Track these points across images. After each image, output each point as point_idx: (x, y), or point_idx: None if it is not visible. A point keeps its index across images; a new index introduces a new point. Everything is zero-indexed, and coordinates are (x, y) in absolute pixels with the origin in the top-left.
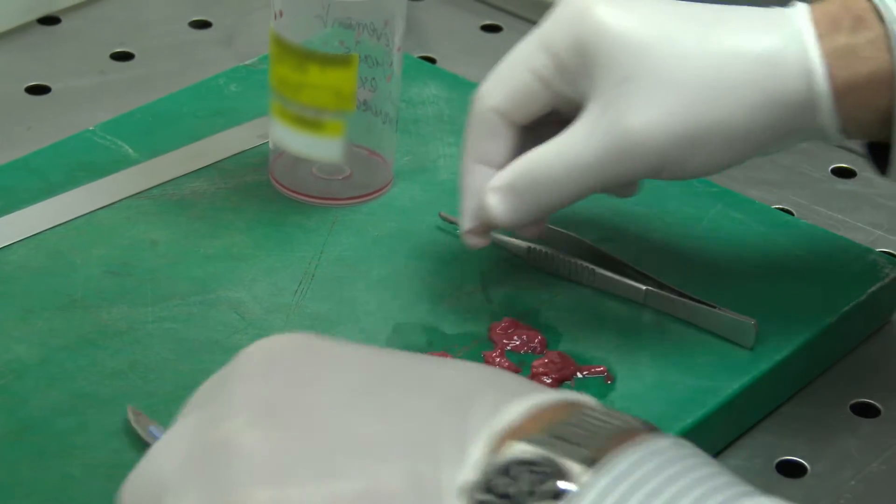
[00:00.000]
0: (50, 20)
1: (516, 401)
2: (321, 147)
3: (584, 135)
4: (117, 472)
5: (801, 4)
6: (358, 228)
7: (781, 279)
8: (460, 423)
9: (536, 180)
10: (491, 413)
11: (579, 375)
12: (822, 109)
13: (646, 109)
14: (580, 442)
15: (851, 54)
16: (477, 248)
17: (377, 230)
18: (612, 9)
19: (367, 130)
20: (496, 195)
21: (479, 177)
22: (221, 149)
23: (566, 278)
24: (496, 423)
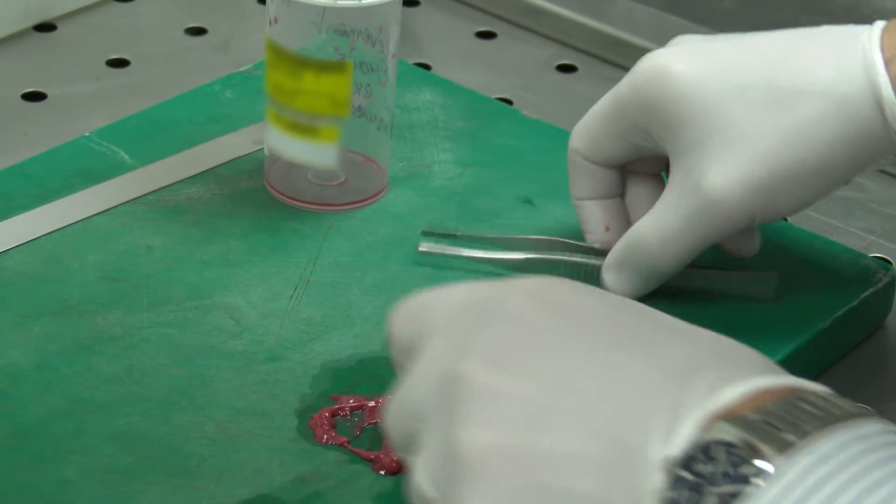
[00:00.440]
0: (46, 27)
1: (736, 383)
2: (316, 153)
3: (672, 205)
4: (113, 476)
5: (872, 28)
6: (353, 234)
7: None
8: (676, 398)
9: (639, 256)
10: (708, 393)
11: None
12: None
13: (722, 169)
14: (787, 427)
15: None
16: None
17: (372, 236)
18: (679, 64)
19: (362, 136)
20: (609, 273)
21: (589, 210)
22: (217, 155)
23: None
24: (710, 404)
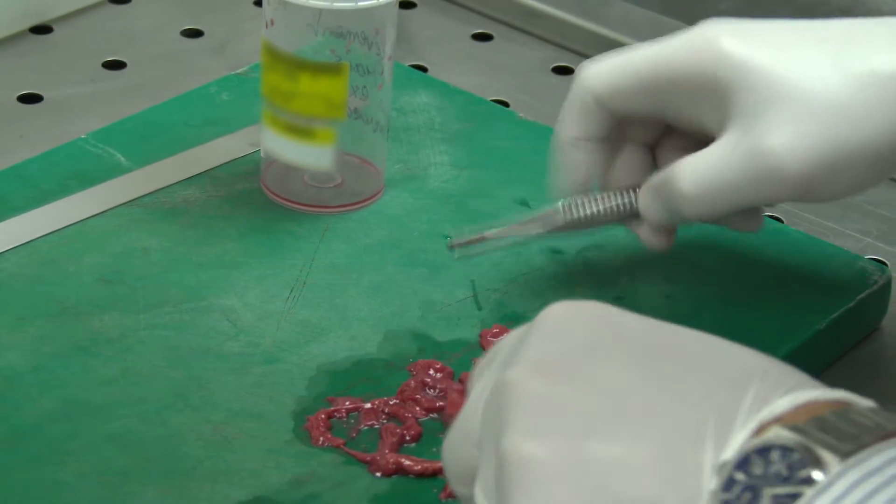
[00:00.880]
0: (42, 29)
1: (790, 394)
2: (312, 155)
3: (724, 156)
4: (110, 478)
5: None
6: (349, 236)
7: (770, 286)
8: (731, 408)
9: (678, 188)
10: (762, 402)
11: None
12: None
13: (788, 134)
14: (841, 436)
15: None
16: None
17: (368, 238)
18: (738, 40)
19: (358, 139)
20: (646, 197)
21: (578, 155)
22: (213, 157)
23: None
24: (764, 412)
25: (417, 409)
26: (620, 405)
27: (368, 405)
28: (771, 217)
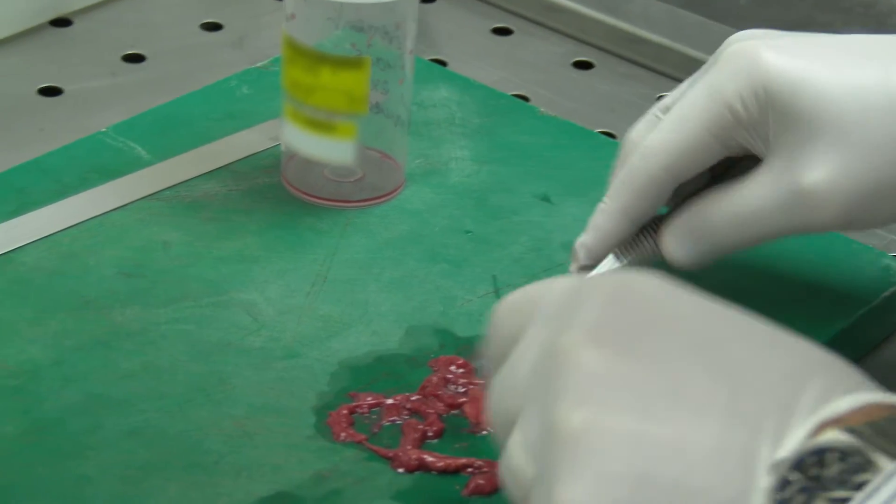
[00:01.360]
0: (61, 22)
1: (849, 396)
2: (333, 149)
3: (766, 186)
4: (131, 473)
5: None
6: (370, 231)
7: (794, 283)
8: (790, 402)
9: (711, 226)
10: (822, 400)
11: None
12: None
13: (830, 170)
14: None
15: None
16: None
17: (389, 232)
18: (781, 54)
19: (379, 133)
20: (673, 239)
21: (621, 229)
22: (233, 151)
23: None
24: (824, 413)
25: (440, 405)
26: (679, 388)
27: (390, 401)
28: None
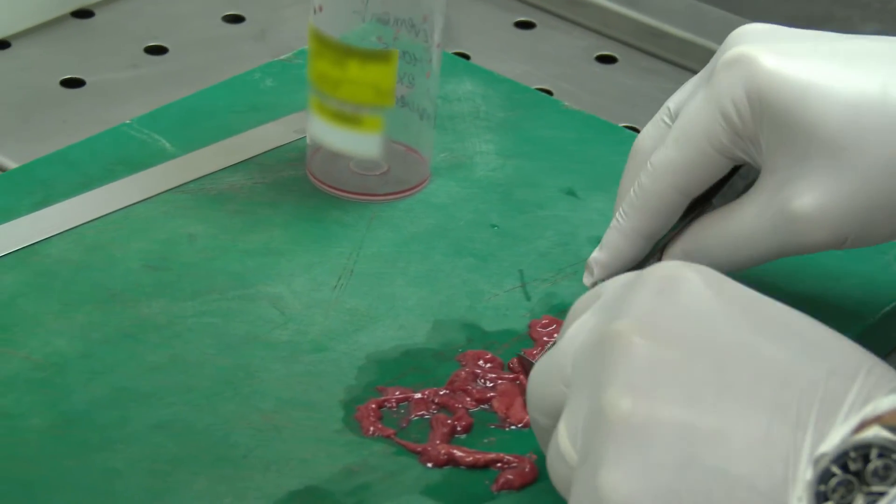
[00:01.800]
0: (83, 13)
1: (893, 395)
2: (359, 142)
3: (757, 209)
4: (160, 466)
5: None
6: (396, 224)
7: (820, 280)
8: (835, 401)
9: (706, 250)
10: (865, 399)
11: None
12: None
13: (821, 196)
14: None
15: None
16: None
17: (415, 226)
18: (779, 65)
19: (404, 127)
20: (672, 259)
21: (637, 248)
22: (258, 144)
23: None
24: (867, 410)
25: (468, 399)
26: (727, 379)
27: (418, 395)
28: None
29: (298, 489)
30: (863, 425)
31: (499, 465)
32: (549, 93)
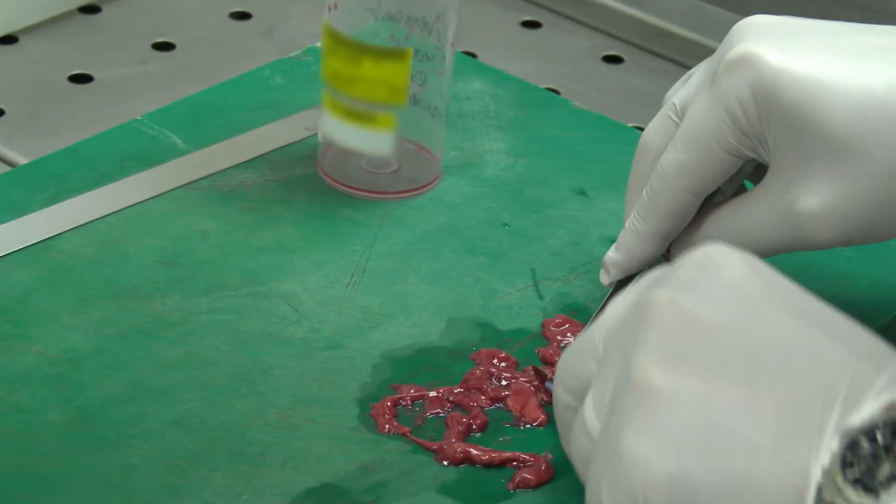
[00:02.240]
0: (90, 9)
1: None
2: (372, 140)
3: (764, 206)
4: (177, 462)
5: None
6: (408, 222)
7: (831, 281)
8: (865, 381)
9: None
10: (894, 382)
11: None
12: None
13: (826, 198)
14: None
15: None
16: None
17: (427, 224)
18: (786, 63)
19: (416, 125)
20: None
21: (653, 249)
22: (269, 141)
23: None
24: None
25: (483, 398)
26: (759, 352)
27: (433, 393)
28: None
29: (315, 486)
30: (892, 406)
31: (514, 463)
32: (556, 92)
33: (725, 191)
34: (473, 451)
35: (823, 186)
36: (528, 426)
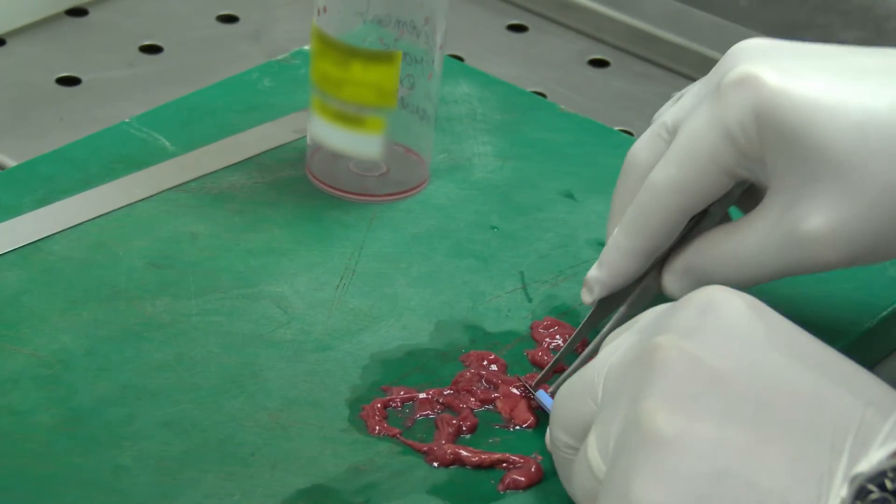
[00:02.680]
0: (77, 12)
1: None
2: (361, 143)
3: (765, 228)
4: (168, 464)
5: None
6: (396, 225)
7: (818, 285)
8: (873, 428)
9: (710, 268)
10: None
11: None
12: None
13: (830, 218)
14: None
15: None
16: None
17: (415, 227)
18: (785, 85)
19: (404, 128)
20: (673, 277)
21: (637, 267)
22: (258, 143)
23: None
24: None
25: (472, 400)
26: (766, 398)
27: (423, 395)
28: None
29: (306, 487)
30: None
31: (504, 465)
32: (543, 96)
33: (714, 213)
34: (463, 453)
35: (827, 207)
36: (518, 428)
